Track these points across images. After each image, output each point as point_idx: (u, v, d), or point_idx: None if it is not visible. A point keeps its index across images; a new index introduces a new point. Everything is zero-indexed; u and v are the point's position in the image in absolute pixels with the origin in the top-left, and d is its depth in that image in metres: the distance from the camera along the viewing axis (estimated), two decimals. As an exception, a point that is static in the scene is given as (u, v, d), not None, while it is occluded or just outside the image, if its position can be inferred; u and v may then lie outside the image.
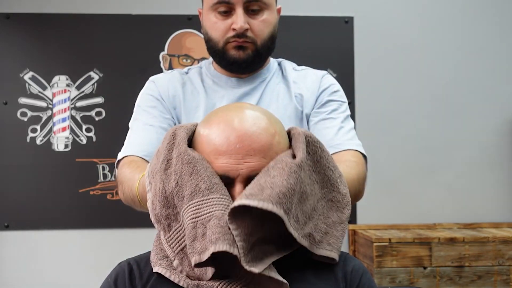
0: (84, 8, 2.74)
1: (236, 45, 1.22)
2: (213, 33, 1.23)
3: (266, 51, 1.26)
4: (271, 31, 1.25)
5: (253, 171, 0.87)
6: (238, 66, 1.25)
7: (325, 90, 1.31)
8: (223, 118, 0.91)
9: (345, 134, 1.25)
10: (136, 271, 0.95)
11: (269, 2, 1.23)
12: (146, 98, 1.30)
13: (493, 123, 2.83)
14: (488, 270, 2.35)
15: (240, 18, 1.19)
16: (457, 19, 2.85)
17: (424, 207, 2.78)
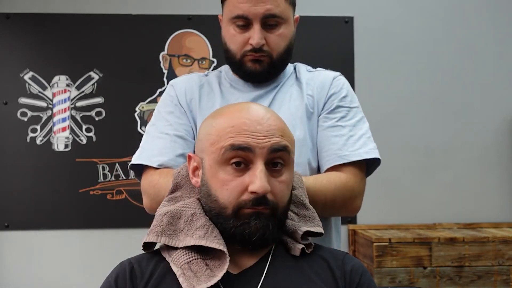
0: (84, 8, 2.74)
1: (253, 59, 1.25)
2: (231, 45, 1.27)
3: (281, 63, 1.30)
4: (287, 44, 1.28)
5: (275, 143, 0.91)
6: (254, 78, 1.29)
7: (335, 94, 1.32)
8: (236, 108, 0.97)
9: (354, 143, 1.26)
10: (137, 270, 0.95)
11: (286, 16, 1.25)
12: (165, 103, 1.33)
13: (493, 123, 2.83)
14: (488, 270, 2.35)
15: (257, 34, 1.22)
16: (457, 19, 2.85)
17: (424, 207, 2.78)
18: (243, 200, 0.91)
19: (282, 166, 0.94)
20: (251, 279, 0.92)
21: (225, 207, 0.92)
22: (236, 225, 0.91)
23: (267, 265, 0.94)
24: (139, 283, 0.93)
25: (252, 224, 0.90)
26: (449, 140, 2.82)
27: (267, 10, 1.21)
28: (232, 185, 0.91)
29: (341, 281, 0.94)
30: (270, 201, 0.91)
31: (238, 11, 1.22)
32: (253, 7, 1.21)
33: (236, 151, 0.91)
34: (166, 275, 0.93)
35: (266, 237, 0.91)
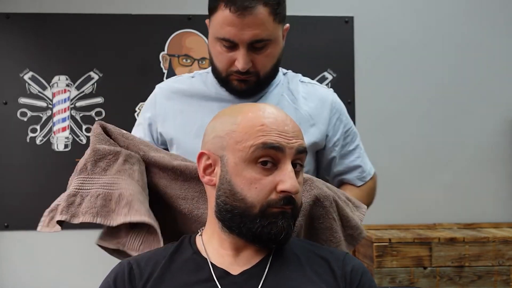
0: (84, 8, 2.74)
1: (238, 79, 1.23)
2: (218, 63, 1.24)
3: (268, 80, 1.28)
4: (274, 62, 1.25)
5: (300, 145, 0.93)
6: (240, 95, 1.27)
7: (339, 119, 1.36)
8: (256, 107, 0.97)
9: (367, 162, 1.49)
10: (136, 270, 0.95)
11: (274, 36, 1.20)
12: (143, 110, 1.40)
13: (493, 123, 2.83)
14: (488, 270, 2.34)
15: (243, 59, 1.18)
16: (457, 19, 2.85)
17: (424, 207, 2.78)
18: (273, 199, 0.90)
19: (301, 167, 0.95)
20: (252, 279, 0.92)
21: (252, 206, 0.90)
22: (264, 225, 0.90)
23: (268, 266, 0.94)
24: (138, 284, 0.93)
25: (280, 223, 0.90)
26: (449, 140, 2.81)
27: (254, 36, 1.16)
28: (262, 184, 0.90)
29: (342, 282, 0.94)
30: (294, 200, 0.92)
31: (225, 34, 1.17)
32: (240, 31, 1.15)
33: (267, 149, 0.90)
34: (166, 275, 0.93)
35: (289, 236, 0.92)
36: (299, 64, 2.82)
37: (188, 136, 1.28)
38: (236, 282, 0.91)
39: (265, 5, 1.15)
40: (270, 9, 1.16)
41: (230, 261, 0.94)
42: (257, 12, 1.14)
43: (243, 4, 1.13)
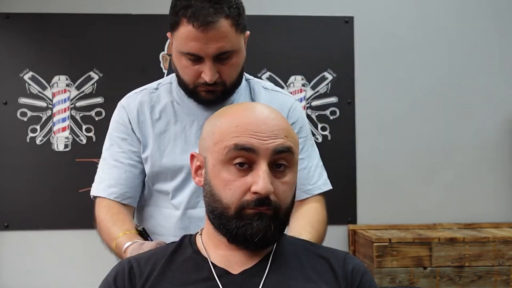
0: (84, 8, 2.74)
1: (206, 90, 1.24)
2: (184, 76, 1.25)
3: (234, 87, 1.29)
4: (239, 71, 1.27)
5: (279, 145, 0.90)
6: (208, 104, 1.29)
7: (293, 125, 1.34)
8: (241, 107, 0.97)
9: (313, 175, 1.37)
10: (137, 269, 0.95)
11: (237, 47, 1.22)
12: (118, 127, 1.34)
13: (493, 123, 2.83)
14: (488, 270, 2.34)
15: (209, 71, 1.19)
16: (457, 19, 2.85)
17: (424, 207, 2.78)
18: (246, 201, 0.90)
19: (286, 168, 0.93)
20: (252, 279, 0.91)
21: (227, 207, 0.90)
22: (239, 226, 0.90)
23: (268, 265, 0.94)
24: (138, 282, 0.93)
25: (255, 224, 0.89)
26: (449, 140, 2.81)
27: (218, 49, 1.17)
28: (235, 185, 0.90)
29: (343, 281, 0.94)
30: (272, 202, 0.90)
31: (189, 49, 1.18)
32: (204, 45, 1.17)
33: (239, 151, 0.89)
34: (166, 273, 0.94)
35: (268, 238, 0.90)
36: (299, 64, 2.84)
37: (164, 155, 1.32)
38: (236, 281, 0.91)
39: (227, 17, 1.17)
40: (232, 21, 1.18)
41: (230, 260, 0.94)
42: (220, 25, 1.16)
43: (206, 20, 1.14)
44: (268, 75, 2.75)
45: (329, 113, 2.78)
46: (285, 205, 0.93)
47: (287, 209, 0.94)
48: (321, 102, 2.77)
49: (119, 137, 1.34)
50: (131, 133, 1.33)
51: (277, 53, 2.76)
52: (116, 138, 1.34)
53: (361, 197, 2.77)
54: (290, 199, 0.95)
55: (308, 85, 2.78)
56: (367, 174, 2.77)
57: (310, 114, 2.77)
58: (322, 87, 2.78)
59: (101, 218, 1.30)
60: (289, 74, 2.77)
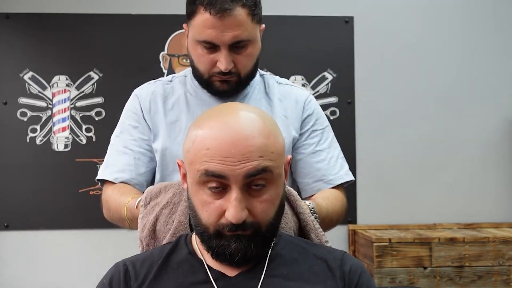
0: (84, 8, 2.74)
1: (220, 80, 1.24)
2: (199, 65, 1.25)
3: (249, 79, 1.30)
4: (254, 62, 1.27)
5: (251, 169, 0.86)
6: (222, 95, 1.29)
7: (309, 117, 1.34)
8: (217, 120, 0.90)
9: (334, 165, 1.34)
10: (132, 272, 0.94)
11: (253, 36, 1.23)
12: (130, 115, 1.35)
13: (493, 123, 2.83)
14: (488, 270, 2.34)
15: (225, 59, 1.20)
16: (457, 19, 2.85)
17: (424, 207, 2.78)
18: (222, 224, 0.88)
19: (263, 187, 0.89)
20: (249, 281, 0.91)
21: (207, 227, 0.90)
22: (218, 245, 0.89)
23: (265, 268, 0.93)
24: (133, 285, 0.93)
25: (233, 246, 0.88)
26: (449, 140, 2.81)
27: (235, 37, 1.19)
28: (211, 208, 0.88)
29: (341, 281, 0.94)
30: (248, 224, 0.87)
31: (205, 37, 1.19)
32: (220, 33, 1.18)
33: (210, 177, 0.87)
34: (162, 276, 0.93)
35: (249, 256, 0.89)
36: (299, 64, 2.83)
37: (175, 143, 1.31)
38: (234, 284, 0.91)
39: (243, 6, 1.18)
40: (248, 10, 1.19)
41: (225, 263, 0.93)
42: (236, 13, 1.17)
43: (223, 7, 1.16)
44: (268, 75, 2.75)
45: (329, 113, 2.77)
46: (265, 222, 0.90)
47: (269, 224, 0.91)
48: (321, 102, 2.77)
49: (130, 125, 1.34)
50: (143, 121, 1.33)
51: (277, 53, 2.76)
52: (127, 125, 1.34)
53: (361, 197, 2.77)
54: (272, 214, 0.91)
55: (308, 85, 2.78)
56: (367, 174, 2.77)
57: (310, 114, 2.77)
58: (322, 87, 2.78)
59: (108, 196, 1.27)
60: (289, 74, 2.77)
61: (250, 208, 0.88)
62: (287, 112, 1.33)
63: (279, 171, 0.91)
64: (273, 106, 1.33)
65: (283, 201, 0.95)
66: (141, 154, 1.31)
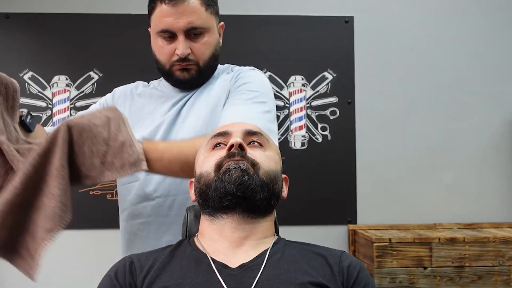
0: (84, 8, 2.74)
1: (180, 68, 1.33)
2: (160, 56, 1.35)
3: (208, 69, 1.37)
4: (212, 51, 1.35)
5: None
6: (183, 85, 1.38)
7: (235, 83, 1.37)
8: None
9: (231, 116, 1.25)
10: (137, 263, 0.98)
11: (209, 26, 1.33)
12: (100, 102, 1.52)
13: (493, 123, 2.83)
14: (488, 270, 2.34)
15: (181, 45, 1.30)
16: (457, 19, 2.85)
17: (424, 207, 2.78)
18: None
19: (259, 144, 1.06)
20: (250, 272, 0.94)
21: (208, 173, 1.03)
22: (218, 177, 0.99)
23: (265, 260, 0.96)
24: (139, 276, 0.95)
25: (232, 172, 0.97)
26: (449, 140, 2.81)
27: (189, 23, 1.29)
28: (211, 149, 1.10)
29: (339, 276, 0.96)
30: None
31: (163, 26, 1.30)
32: (175, 20, 1.28)
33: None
34: (166, 267, 0.96)
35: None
36: (299, 64, 2.83)
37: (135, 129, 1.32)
38: (235, 274, 0.93)
39: None
40: (201, 0, 1.31)
41: (228, 255, 0.97)
42: (189, 1, 1.29)
43: None
44: (268, 75, 2.75)
45: (329, 113, 2.77)
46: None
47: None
48: (321, 102, 2.77)
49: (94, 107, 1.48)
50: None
51: (277, 53, 2.76)
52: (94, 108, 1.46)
53: (361, 197, 2.77)
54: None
55: (308, 85, 2.78)
56: (367, 174, 2.77)
57: (310, 114, 2.77)
58: (322, 87, 2.78)
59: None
60: (289, 74, 2.77)
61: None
62: (220, 88, 1.36)
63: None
64: (214, 85, 1.39)
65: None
66: None
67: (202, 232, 1.04)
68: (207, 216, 1.02)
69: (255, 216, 0.99)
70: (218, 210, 0.99)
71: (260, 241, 1.00)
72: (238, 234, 0.99)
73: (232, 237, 0.98)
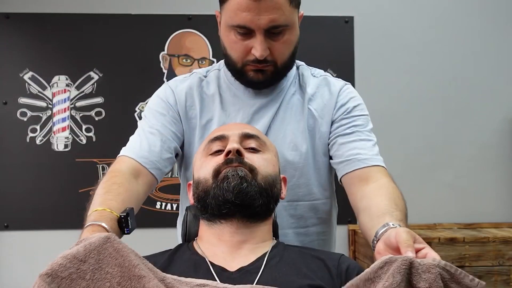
0: (84, 8, 2.74)
1: (255, 69, 1.16)
2: (232, 52, 1.17)
3: (286, 70, 1.22)
4: (292, 50, 1.20)
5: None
6: (256, 86, 1.22)
7: (344, 105, 1.26)
8: None
9: (371, 148, 1.27)
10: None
11: (291, 22, 1.15)
12: (159, 102, 1.26)
13: (493, 122, 2.83)
14: (488, 270, 2.34)
15: (260, 46, 1.11)
16: (457, 19, 2.85)
17: (424, 207, 2.78)
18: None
19: (255, 150, 1.08)
20: (248, 276, 0.94)
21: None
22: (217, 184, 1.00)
23: (264, 264, 0.96)
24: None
25: (231, 179, 0.99)
26: (449, 140, 2.81)
27: (271, 21, 1.10)
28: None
29: (338, 279, 0.96)
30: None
31: (240, 21, 1.10)
32: (256, 16, 1.08)
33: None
34: (165, 271, 0.95)
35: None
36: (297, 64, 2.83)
37: None
38: (233, 278, 0.93)
39: None
40: None
41: (227, 259, 0.97)
42: None
43: None
44: (268, 75, 2.75)
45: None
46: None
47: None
48: (321, 102, 2.77)
49: (158, 112, 1.24)
50: (174, 114, 1.24)
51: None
52: (155, 112, 1.25)
53: (361, 197, 2.76)
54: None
55: (308, 85, 2.78)
56: (367, 174, 2.76)
57: (310, 114, 2.77)
58: (322, 87, 2.78)
59: (100, 181, 1.16)
60: (289, 74, 2.77)
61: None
62: (318, 105, 1.25)
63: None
64: (305, 98, 1.26)
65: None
66: (167, 138, 1.21)
67: (201, 236, 1.05)
68: (205, 221, 1.02)
69: (254, 220, 0.99)
70: (216, 216, 0.99)
71: (258, 244, 1.00)
72: (237, 238, 0.99)
73: (231, 241, 0.99)
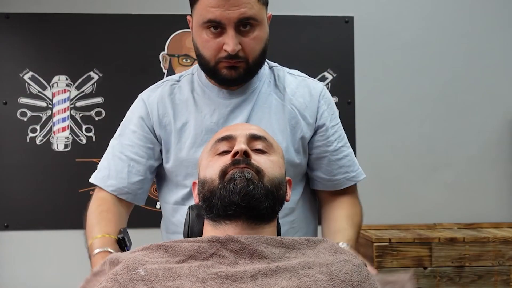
0: (84, 8, 2.74)
1: (228, 66, 1.19)
2: (205, 51, 1.19)
3: (257, 67, 1.25)
4: (262, 47, 1.22)
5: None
6: (229, 83, 1.24)
7: (326, 112, 1.31)
8: None
9: (354, 162, 1.37)
10: None
11: (260, 18, 1.18)
12: (131, 119, 1.32)
13: (493, 123, 2.83)
14: (488, 270, 2.34)
15: (232, 40, 1.14)
16: (457, 19, 2.85)
17: (424, 207, 2.78)
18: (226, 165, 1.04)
19: (262, 152, 1.07)
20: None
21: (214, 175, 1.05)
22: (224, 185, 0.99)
23: None
24: None
25: (238, 181, 0.99)
26: (449, 140, 2.81)
27: (241, 14, 1.13)
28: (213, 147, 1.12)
29: None
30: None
31: (210, 16, 1.14)
32: (226, 11, 1.12)
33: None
34: None
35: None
36: (299, 64, 2.82)
37: (185, 148, 1.27)
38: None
39: None
40: None
41: None
42: None
43: None
44: (268, 75, 2.75)
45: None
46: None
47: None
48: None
49: (130, 130, 1.31)
50: (145, 128, 1.29)
51: (277, 53, 2.75)
52: (127, 129, 1.31)
53: (361, 197, 2.75)
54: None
55: (308, 85, 2.77)
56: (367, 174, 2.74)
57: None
58: (322, 87, 2.78)
59: (90, 211, 1.33)
60: (289, 74, 2.77)
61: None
62: (301, 105, 1.29)
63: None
64: (285, 98, 1.29)
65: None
66: (135, 161, 1.29)
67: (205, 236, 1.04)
68: (210, 221, 1.01)
69: (259, 222, 0.99)
70: (222, 217, 0.99)
71: None
72: None
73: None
